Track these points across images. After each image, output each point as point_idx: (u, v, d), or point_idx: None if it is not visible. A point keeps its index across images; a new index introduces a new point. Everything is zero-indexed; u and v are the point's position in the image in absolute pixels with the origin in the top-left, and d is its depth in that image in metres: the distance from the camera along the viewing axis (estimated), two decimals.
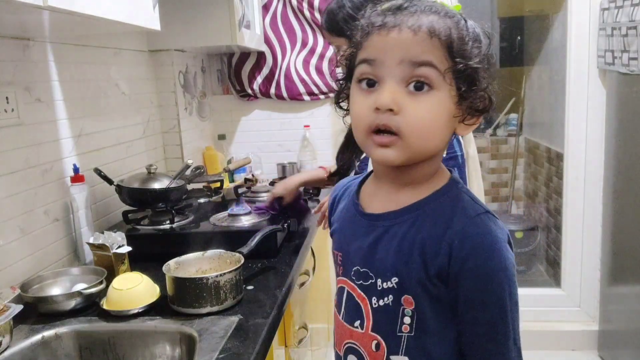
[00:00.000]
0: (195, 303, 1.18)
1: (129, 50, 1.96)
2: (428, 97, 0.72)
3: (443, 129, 0.76)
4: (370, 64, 0.74)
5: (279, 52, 2.56)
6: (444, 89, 0.73)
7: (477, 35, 0.76)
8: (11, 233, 1.31)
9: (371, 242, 0.81)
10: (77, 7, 1.00)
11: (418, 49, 0.72)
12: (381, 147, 0.74)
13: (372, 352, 0.81)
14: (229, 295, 1.20)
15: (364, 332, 0.82)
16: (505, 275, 0.74)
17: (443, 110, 0.74)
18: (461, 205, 0.77)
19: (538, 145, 3.59)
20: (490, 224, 0.75)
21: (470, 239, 0.73)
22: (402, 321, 0.78)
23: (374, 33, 0.75)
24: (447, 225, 0.75)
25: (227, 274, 1.20)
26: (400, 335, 0.78)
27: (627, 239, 2.31)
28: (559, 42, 2.92)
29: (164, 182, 1.64)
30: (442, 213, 0.77)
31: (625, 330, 2.34)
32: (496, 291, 0.74)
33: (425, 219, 0.77)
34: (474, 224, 0.75)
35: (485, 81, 0.75)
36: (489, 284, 0.74)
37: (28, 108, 1.39)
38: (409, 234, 0.77)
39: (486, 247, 0.73)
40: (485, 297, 0.74)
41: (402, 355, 0.79)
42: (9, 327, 1.08)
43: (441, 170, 0.82)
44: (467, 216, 0.75)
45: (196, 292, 1.17)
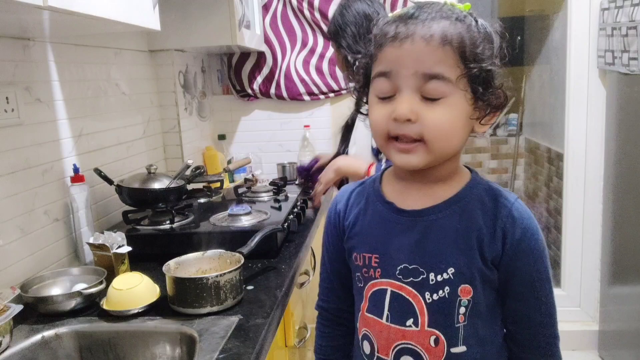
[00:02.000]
0: (195, 303, 1.18)
1: (129, 50, 1.96)
2: (443, 104, 0.75)
3: (461, 131, 0.78)
4: (387, 76, 0.77)
5: (279, 52, 2.56)
6: (458, 95, 0.75)
7: (489, 35, 0.78)
8: (11, 233, 1.31)
9: (418, 237, 0.82)
10: (77, 7, 1.00)
11: (430, 60, 0.74)
12: (403, 152, 0.77)
13: (431, 347, 0.81)
14: (229, 295, 1.20)
15: (419, 329, 0.81)
16: (547, 252, 0.82)
17: (459, 114, 0.76)
18: (498, 193, 0.82)
19: (538, 146, 3.59)
20: (526, 207, 0.82)
21: (520, 223, 0.79)
22: (458, 312, 0.80)
23: (388, 44, 0.77)
24: (495, 212, 0.80)
25: (227, 274, 1.20)
26: (457, 326, 0.80)
27: (627, 239, 2.31)
28: (559, 42, 2.92)
29: (164, 182, 1.64)
30: (486, 202, 0.81)
31: (625, 330, 2.34)
32: (547, 266, 0.82)
33: (473, 208, 0.81)
34: (517, 209, 0.80)
35: (499, 79, 0.78)
36: (541, 261, 0.81)
37: (28, 108, 1.39)
38: (462, 224, 0.80)
39: (534, 228, 0.80)
40: (541, 273, 0.81)
41: (460, 345, 0.80)
42: (9, 327, 1.08)
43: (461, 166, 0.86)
44: (509, 202, 0.81)
45: (196, 292, 1.17)
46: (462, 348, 0.80)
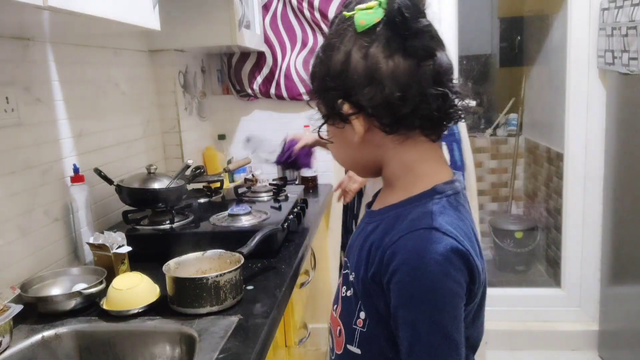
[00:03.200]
0: (195, 303, 1.18)
1: (129, 50, 1.96)
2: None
3: (344, 149, 0.83)
4: None
5: (279, 52, 2.56)
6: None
7: (328, 44, 0.79)
8: (11, 233, 1.31)
9: (355, 235, 0.85)
10: (77, 7, 1.00)
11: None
12: None
13: (337, 337, 0.85)
14: (229, 295, 1.20)
15: (336, 315, 0.86)
16: (433, 297, 0.70)
17: (334, 137, 0.83)
18: (414, 216, 0.74)
19: (538, 145, 3.59)
20: (427, 240, 0.70)
21: (400, 254, 0.71)
22: (358, 315, 0.80)
23: None
24: (388, 233, 0.74)
25: (227, 274, 1.20)
26: (354, 327, 0.81)
27: (627, 239, 2.31)
28: (559, 42, 2.92)
29: (164, 182, 1.64)
30: (397, 221, 0.75)
31: (625, 330, 2.34)
32: (416, 311, 0.71)
33: (385, 223, 0.78)
34: (409, 238, 0.71)
35: (335, 90, 0.77)
36: (410, 303, 0.71)
37: (28, 108, 1.39)
38: (371, 235, 0.79)
39: (413, 265, 0.70)
40: (406, 314, 0.71)
41: (355, 346, 0.81)
42: (9, 327, 1.08)
43: (424, 176, 0.78)
44: (409, 228, 0.72)
45: (196, 292, 1.17)
46: (357, 350, 0.81)
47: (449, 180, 0.79)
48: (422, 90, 0.72)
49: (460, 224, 0.74)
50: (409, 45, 0.71)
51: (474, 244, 0.75)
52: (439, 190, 0.76)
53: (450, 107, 0.75)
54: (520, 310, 2.72)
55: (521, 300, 2.78)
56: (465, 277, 0.71)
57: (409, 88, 0.72)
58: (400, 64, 0.72)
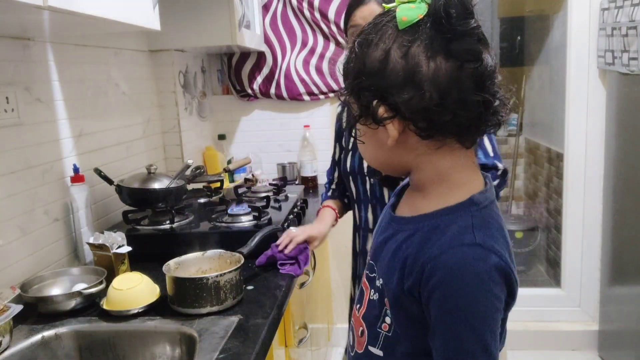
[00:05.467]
0: (195, 303, 1.18)
1: (129, 50, 1.96)
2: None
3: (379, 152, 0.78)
4: None
5: (279, 52, 2.56)
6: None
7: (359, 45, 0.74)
8: (11, 233, 1.31)
9: (382, 240, 0.82)
10: (77, 7, 1.00)
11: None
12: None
13: (358, 337, 0.85)
14: (229, 295, 1.20)
15: (359, 315, 0.85)
16: (475, 314, 0.69)
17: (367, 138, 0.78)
18: (454, 230, 0.72)
19: (538, 146, 3.59)
20: (471, 257, 0.69)
21: (442, 270, 0.69)
22: (384, 320, 0.80)
23: None
24: (430, 246, 0.72)
25: (227, 274, 1.20)
26: (379, 331, 0.80)
27: (627, 239, 2.31)
28: (559, 42, 2.92)
29: (164, 182, 1.64)
30: (435, 233, 0.73)
31: (625, 330, 2.34)
32: (458, 326, 0.70)
33: (421, 234, 0.75)
34: (453, 254, 0.69)
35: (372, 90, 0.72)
36: (453, 318, 0.70)
37: (28, 108, 1.39)
38: (403, 245, 0.76)
39: (456, 283, 0.68)
40: (448, 328, 0.71)
41: (378, 349, 0.81)
42: (9, 327, 1.08)
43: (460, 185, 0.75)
44: (451, 243, 0.70)
45: (196, 292, 1.17)
46: (379, 352, 0.81)
47: (484, 190, 0.76)
48: (463, 96, 0.68)
49: (500, 236, 0.73)
50: (453, 47, 0.67)
51: (512, 254, 0.74)
52: (477, 202, 0.74)
53: (492, 113, 0.71)
54: (520, 310, 2.72)
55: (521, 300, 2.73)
56: (505, 292, 0.71)
57: (449, 93, 0.68)
58: (442, 66, 0.67)
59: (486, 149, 1.41)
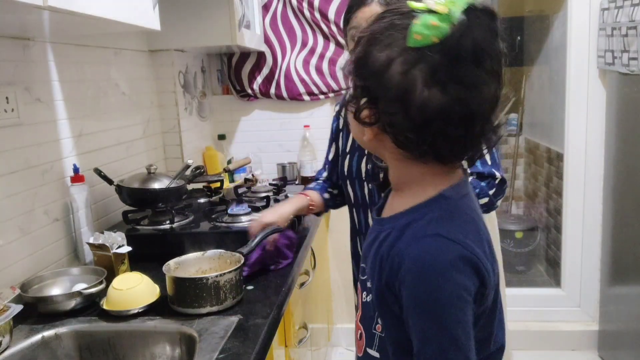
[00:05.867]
0: (195, 303, 1.18)
1: (129, 50, 1.96)
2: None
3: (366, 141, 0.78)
4: None
5: (279, 52, 2.56)
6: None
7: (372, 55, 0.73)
8: (11, 233, 1.31)
9: (369, 242, 0.83)
10: (77, 7, 1.00)
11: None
12: None
13: (358, 340, 0.86)
14: (229, 295, 1.20)
15: (357, 320, 0.87)
16: (438, 304, 0.69)
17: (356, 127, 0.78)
18: (421, 224, 0.73)
19: (538, 146, 3.59)
20: (433, 248, 0.70)
21: (407, 261, 0.71)
22: (377, 320, 0.80)
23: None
24: (397, 241, 0.74)
25: (227, 274, 1.20)
26: (374, 332, 0.81)
27: (627, 239, 2.31)
28: (559, 42, 2.92)
29: (164, 182, 1.64)
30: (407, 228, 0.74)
31: (625, 330, 2.34)
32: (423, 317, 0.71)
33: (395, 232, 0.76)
34: (416, 246, 0.71)
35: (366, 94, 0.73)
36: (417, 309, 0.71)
37: (28, 108, 1.38)
38: (383, 244, 0.77)
39: (417, 273, 0.70)
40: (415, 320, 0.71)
41: (375, 350, 0.82)
42: (9, 327, 1.08)
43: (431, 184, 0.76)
44: (415, 235, 0.72)
45: (196, 292, 1.17)
46: (376, 354, 0.81)
47: (457, 183, 0.77)
48: (446, 130, 0.69)
49: (469, 228, 0.74)
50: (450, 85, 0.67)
51: (484, 246, 0.74)
52: (447, 196, 0.75)
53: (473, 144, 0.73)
54: (520, 310, 2.72)
55: (521, 300, 2.78)
56: (475, 281, 0.71)
57: (432, 124, 0.68)
58: (435, 98, 0.67)
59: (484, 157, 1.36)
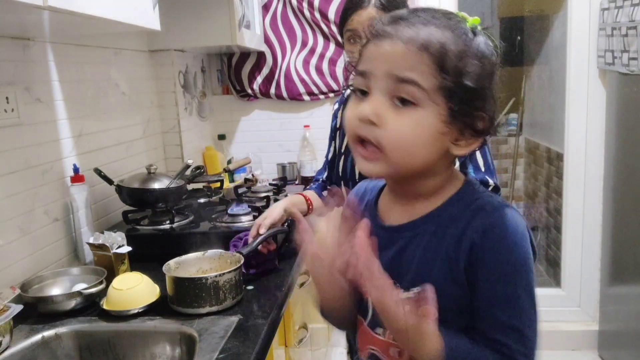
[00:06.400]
0: (194, 303, 1.18)
1: (129, 50, 1.96)
2: (411, 113, 0.71)
3: (427, 147, 0.73)
4: (362, 75, 0.74)
5: (279, 52, 2.56)
6: (429, 107, 0.71)
7: (482, 53, 0.74)
8: (11, 233, 1.31)
9: (394, 254, 0.79)
10: (77, 7, 1.00)
11: (404, 63, 0.70)
12: (364, 159, 0.74)
13: (394, 357, 0.80)
14: (229, 295, 1.20)
15: (384, 338, 0.81)
16: (523, 269, 0.73)
17: (427, 128, 0.71)
18: (478, 204, 0.76)
19: (538, 146, 3.59)
20: (508, 217, 0.73)
21: (490, 234, 0.72)
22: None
23: (371, 42, 0.75)
24: (467, 225, 0.74)
25: (227, 274, 1.20)
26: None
27: (627, 239, 2.31)
28: (559, 42, 2.92)
29: (164, 182, 1.64)
30: (461, 216, 0.75)
31: (625, 330, 2.34)
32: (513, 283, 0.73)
33: (447, 225, 0.76)
34: (493, 218, 0.73)
35: (483, 101, 0.73)
36: (507, 278, 0.73)
37: (28, 108, 1.38)
38: (431, 244, 0.76)
39: (506, 240, 0.73)
40: (503, 289, 0.73)
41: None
42: (9, 327, 1.08)
43: (454, 178, 0.80)
44: (486, 212, 0.74)
45: (195, 292, 1.17)
46: None
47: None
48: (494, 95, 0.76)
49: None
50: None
51: None
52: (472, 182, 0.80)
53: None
54: None
55: None
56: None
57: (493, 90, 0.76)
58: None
59: (477, 163, 1.32)
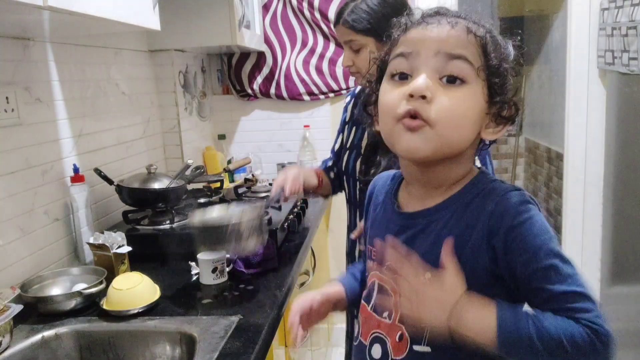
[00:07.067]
0: (218, 246, 1.25)
1: (129, 50, 1.96)
2: (460, 90, 0.75)
3: (472, 124, 0.77)
4: (406, 56, 0.77)
5: (279, 52, 2.56)
6: (476, 84, 0.75)
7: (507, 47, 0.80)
8: (11, 233, 1.31)
9: (406, 239, 0.82)
10: (77, 7, 1.00)
11: (454, 42, 0.75)
12: (410, 131, 0.75)
13: (396, 342, 0.83)
14: (250, 238, 1.26)
15: (391, 322, 0.83)
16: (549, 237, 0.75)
17: (474, 104, 0.76)
18: (490, 188, 0.78)
19: (538, 145, 3.59)
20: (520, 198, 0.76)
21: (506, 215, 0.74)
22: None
23: (413, 28, 0.79)
24: (481, 211, 0.76)
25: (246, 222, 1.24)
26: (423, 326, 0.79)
27: (627, 239, 2.31)
28: (559, 42, 2.92)
29: (164, 182, 1.64)
30: (475, 202, 0.78)
31: (625, 330, 2.34)
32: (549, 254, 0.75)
33: (461, 213, 0.78)
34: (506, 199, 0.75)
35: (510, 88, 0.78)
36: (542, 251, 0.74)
37: (28, 108, 1.38)
38: (444, 231, 0.78)
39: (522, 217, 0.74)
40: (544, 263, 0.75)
41: (424, 345, 0.80)
42: (9, 327, 1.08)
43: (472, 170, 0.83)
44: (498, 195, 0.76)
45: (218, 236, 1.22)
46: (426, 348, 0.80)
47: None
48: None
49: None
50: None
51: None
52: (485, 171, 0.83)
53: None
54: None
55: None
56: None
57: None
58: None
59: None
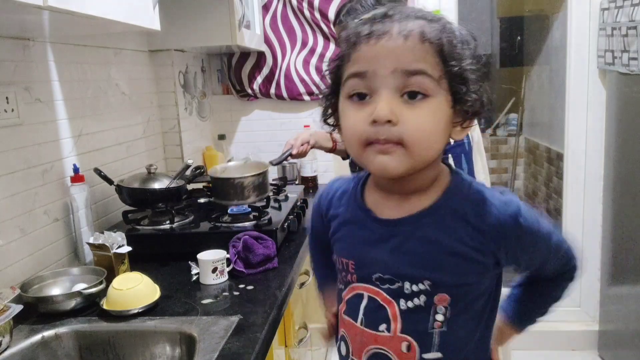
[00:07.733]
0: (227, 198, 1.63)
1: (129, 50, 1.96)
2: (425, 105, 0.71)
3: (442, 135, 0.74)
4: (361, 77, 0.72)
5: (279, 52, 2.56)
6: (439, 95, 0.72)
7: (465, 37, 0.75)
8: (11, 233, 1.31)
9: (393, 248, 0.79)
10: (76, 7, 1.00)
11: (410, 56, 0.70)
12: (381, 153, 0.72)
13: (403, 353, 0.79)
14: (252, 193, 1.67)
15: (392, 335, 0.80)
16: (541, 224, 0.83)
17: (441, 116, 0.73)
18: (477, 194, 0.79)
19: (538, 145, 3.59)
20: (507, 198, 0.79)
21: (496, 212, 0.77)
22: (435, 318, 0.78)
23: (362, 43, 0.73)
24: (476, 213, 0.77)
25: (250, 177, 1.65)
26: (431, 332, 0.78)
27: (627, 239, 2.31)
28: (559, 42, 2.92)
29: (164, 182, 1.64)
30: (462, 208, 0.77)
31: (625, 330, 2.34)
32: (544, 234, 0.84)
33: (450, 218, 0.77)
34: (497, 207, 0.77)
35: (477, 83, 0.74)
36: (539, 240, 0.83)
37: (28, 108, 1.38)
38: (436, 236, 0.76)
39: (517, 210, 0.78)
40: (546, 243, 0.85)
41: (435, 351, 0.78)
42: (9, 327, 1.08)
43: (442, 169, 0.81)
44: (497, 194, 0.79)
45: (226, 188, 1.62)
46: (437, 354, 0.78)
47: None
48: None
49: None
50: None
51: None
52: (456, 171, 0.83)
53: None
54: None
55: None
56: None
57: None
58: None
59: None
